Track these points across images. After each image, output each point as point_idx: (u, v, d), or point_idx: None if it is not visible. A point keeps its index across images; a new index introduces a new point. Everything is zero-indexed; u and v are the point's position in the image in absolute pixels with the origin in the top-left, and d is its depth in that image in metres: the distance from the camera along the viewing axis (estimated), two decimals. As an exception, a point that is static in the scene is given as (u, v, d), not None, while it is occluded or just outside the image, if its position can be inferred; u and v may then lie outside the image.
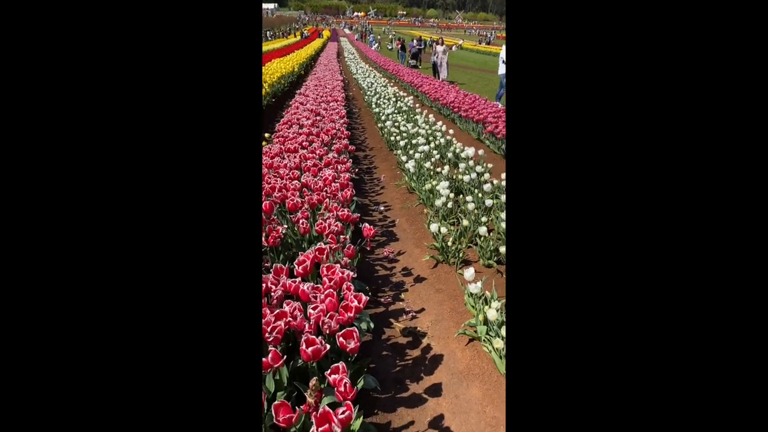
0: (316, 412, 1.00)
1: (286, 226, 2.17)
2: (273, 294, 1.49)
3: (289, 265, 1.75)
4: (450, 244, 2.45)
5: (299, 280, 1.55)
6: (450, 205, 2.82)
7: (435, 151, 3.84)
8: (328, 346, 1.22)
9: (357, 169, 4.17)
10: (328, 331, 1.32)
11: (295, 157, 3.02)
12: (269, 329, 1.24)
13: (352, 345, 1.26)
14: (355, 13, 64.04)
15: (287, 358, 1.38)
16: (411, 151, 3.88)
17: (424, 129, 4.56)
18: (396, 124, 4.94)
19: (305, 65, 11.25)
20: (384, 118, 5.36)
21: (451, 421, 1.47)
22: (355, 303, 1.39)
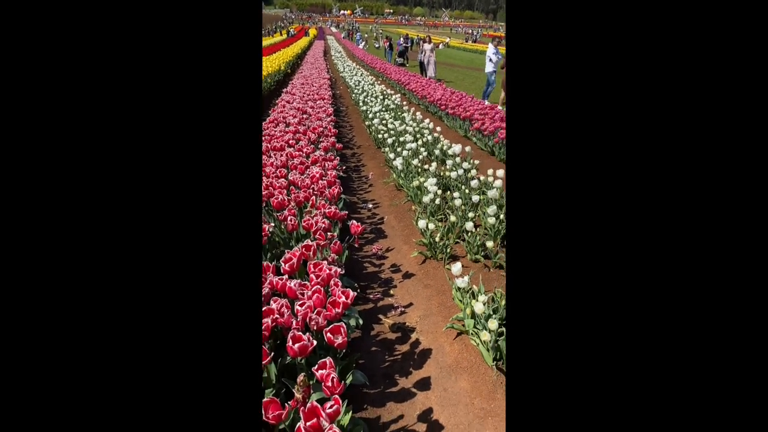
0: (304, 408, 1.00)
1: (273, 225, 2.16)
2: (260, 292, 1.48)
3: (276, 263, 1.74)
4: (438, 240, 2.47)
5: (286, 277, 1.55)
6: (438, 201, 2.84)
7: (422, 149, 3.86)
8: (315, 342, 1.22)
9: (345, 167, 4.16)
10: (315, 327, 1.32)
11: (282, 155, 3.00)
12: (256, 327, 1.24)
13: (339, 340, 1.26)
14: (342, 12, 63.66)
15: (275, 355, 1.38)
16: (399, 149, 3.89)
17: (411, 126, 4.57)
18: (383, 122, 4.94)
19: (291, 64, 11.17)
20: (371, 115, 5.35)
21: (439, 414, 1.49)
22: (343, 299, 1.39)
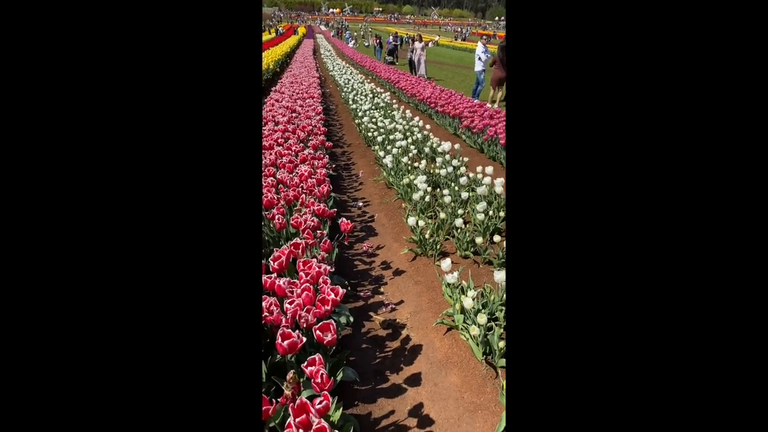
0: (293, 404, 1.00)
1: (262, 223, 2.15)
2: (249, 290, 1.48)
3: (265, 262, 1.73)
4: (428, 236, 2.48)
5: (275, 275, 1.54)
6: (427, 198, 2.85)
7: (412, 146, 3.87)
8: (305, 339, 1.22)
9: (335, 165, 4.15)
10: (305, 325, 1.32)
11: (271, 153, 2.98)
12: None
13: (329, 337, 1.26)
14: (331, 10, 63.29)
15: (265, 353, 1.38)
16: (389, 147, 3.89)
17: (401, 124, 4.58)
18: (373, 120, 4.94)
19: (280, 62, 11.09)
20: (361, 114, 5.35)
21: (430, 409, 1.50)
22: (332, 296, 1.40)
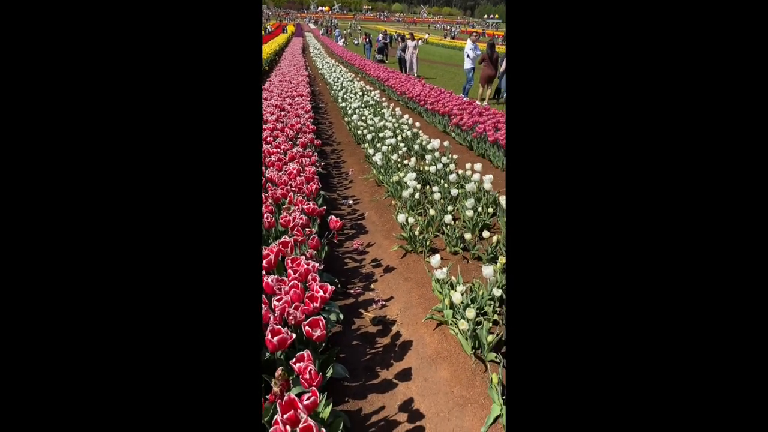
0: (281, 401, 1.00)
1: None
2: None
3: (254, 260, 1.72)
4: (417, 233, 2.49)
5: (263, 273, 1.54)
6: (417, 196, 2.86)
7: (402, 144, 3.87)
8: (294, 336, 1.22)
9: (324, 163, 4.14)
10: (293, 322, 1.32)
11: (259, 152, 2.96)
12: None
13: (318, 333, 1.26)
14: (320, 8, 62.91)
15: (254, 351, 1.37)
16: (378, 145, 3.89)
17: (390, 122, 4.58)
18: (363, 118, 4.93)
19: (269, 61, 11.00)
20: (351, 112, 5.34)
21: (420, 403, 1.51)
22: (321, 293, 1.40)
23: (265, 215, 2.06)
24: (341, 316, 1.90)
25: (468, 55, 7.23)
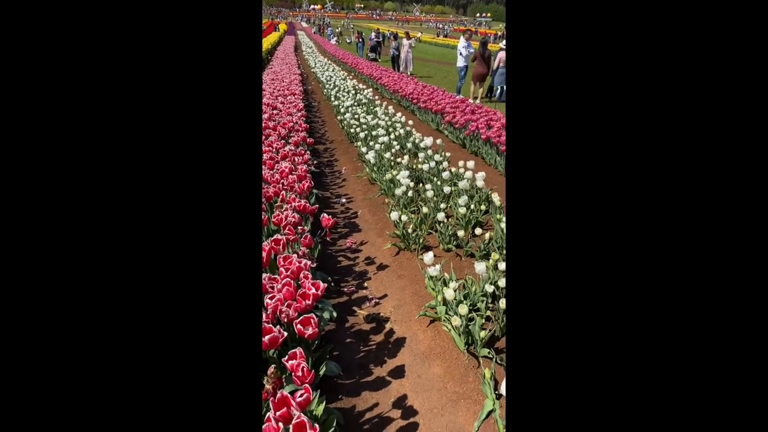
0: (274, 399, 1.00)
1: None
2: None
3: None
4: (411, 231, 2.50)
5: (256, 272, 1.53)
6: (410, 193, 2.87)
7: (395, 142, 3.88)
8: (286, 334, 1.22)
9: (317, 162, 4.12)
10: (286, 320, 1.32)
11: (251, 151, 2.95)
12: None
13: (310, 331, 1.26)
14: (312, 6, 62.58)
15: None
16: (371, 143, 3.89)
17: (383, 120, 4.58)
18: (356, 117, 4.92)
19: (261, 59, 10.93)
20: (343, 110, 5.33)
21: (414, 400, 1.52)
22: (313, 290, 1.39)
23: (257, 214, 2.06)
24: (334, 314, 1.90)
25: (461, 53, 7.25)
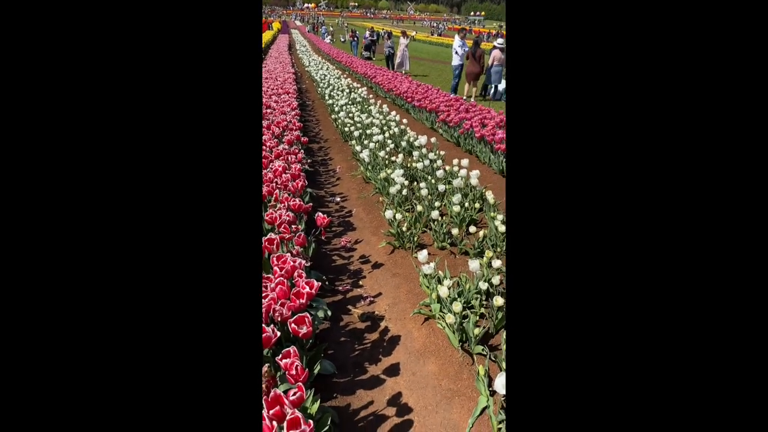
0: (267, 397, 1.00)
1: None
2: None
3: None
4: (405, 229, 2.50)
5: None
6: (405, 192, 2.87)
7: (389, 141, 3.87)
8: (279, 333, 1.21)
9: (311, 161, 4.12)
10: (279, 319, 1.31)
11: (245, 150, 2.93)
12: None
13: (304, 330, 1.26)
14: (306, 5, 62.33)
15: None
16: (366, 141, 3.88)
17: (378, 119, 4.57)
18: (350, 115, 4.91)
19: (255, 58, 10.87)
20: (338, 109, 5.32)
21: (408, 397, 1.52)
22: (307, 289, 1.39)
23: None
24: (329, 313, 1.90)
25: (456, 52, 7.25)
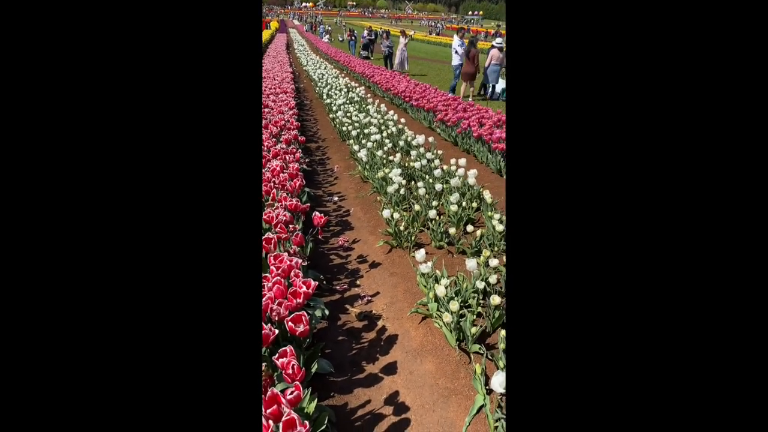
0: (264, 396, 1.00)
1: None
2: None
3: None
4: (403, 229, 2.50)
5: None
6: (402, 191, 2.87)
7: (387, 140, 3.87)
8: (277, 332, 1.21)
9: (309, 160, 4.11)
10: (277, 318, 1.31)
11: (242, 149, 2.93)
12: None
13: (301, 329, 1.26)
14: (304, 4, 62.20)
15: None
16: (363, 141, 3.88)
17: (376, 118, 4.57)
18: (348, 114, 4.91)
19: (253, 57, 10.84)
20: (335, 108, 5.31)
21: (406, 396, 1.52)
22: (304, 289, 1.39)
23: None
24: (327, 312, 1.90)
25: (456, 51, 7.25)
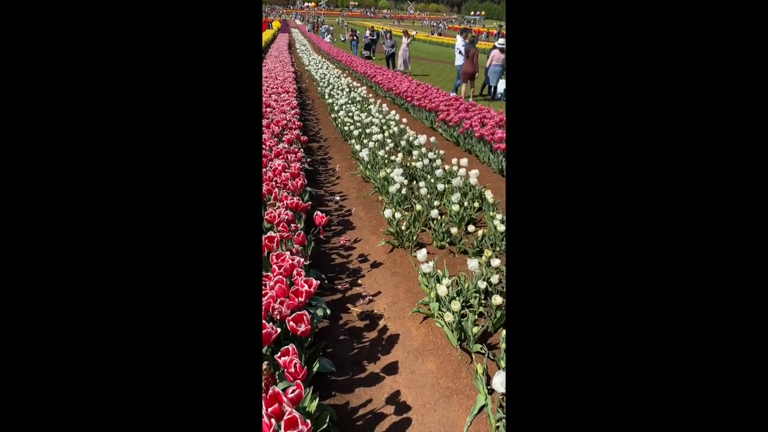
0: (266, 395, 1.00)
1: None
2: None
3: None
4: (404, 228, 2.50)
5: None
6: (404, 191, 2.87)
7: (389, 140, 3.88)
8: (279, 330, 1.22)
9: (311, 160, 4.12)
10: (278, 317, 1.32)
11: (244, 149, 2.93)
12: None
13: (302, 328, 1.26)
14: (306, 4, 62.26)
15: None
16: (365, 141, 3.89)
17: (377, 118, 4.58)
18: (350, 114, 4.91)
19: (255, 57, 10.85)
20: (337, 108, 5.32)
21: (407, 396, 1.52)
22: (306, 288, 1.39)
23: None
24: (328, 312, 1.91)
25: (460, 51, 7.25)
